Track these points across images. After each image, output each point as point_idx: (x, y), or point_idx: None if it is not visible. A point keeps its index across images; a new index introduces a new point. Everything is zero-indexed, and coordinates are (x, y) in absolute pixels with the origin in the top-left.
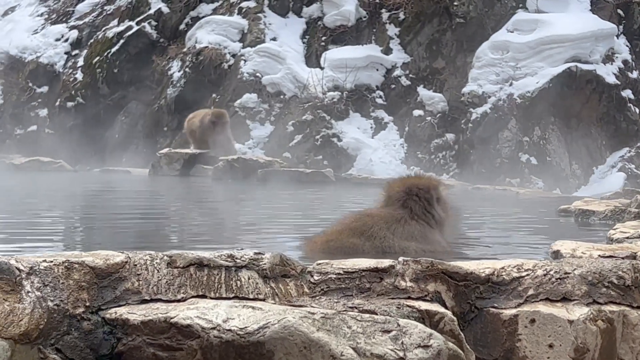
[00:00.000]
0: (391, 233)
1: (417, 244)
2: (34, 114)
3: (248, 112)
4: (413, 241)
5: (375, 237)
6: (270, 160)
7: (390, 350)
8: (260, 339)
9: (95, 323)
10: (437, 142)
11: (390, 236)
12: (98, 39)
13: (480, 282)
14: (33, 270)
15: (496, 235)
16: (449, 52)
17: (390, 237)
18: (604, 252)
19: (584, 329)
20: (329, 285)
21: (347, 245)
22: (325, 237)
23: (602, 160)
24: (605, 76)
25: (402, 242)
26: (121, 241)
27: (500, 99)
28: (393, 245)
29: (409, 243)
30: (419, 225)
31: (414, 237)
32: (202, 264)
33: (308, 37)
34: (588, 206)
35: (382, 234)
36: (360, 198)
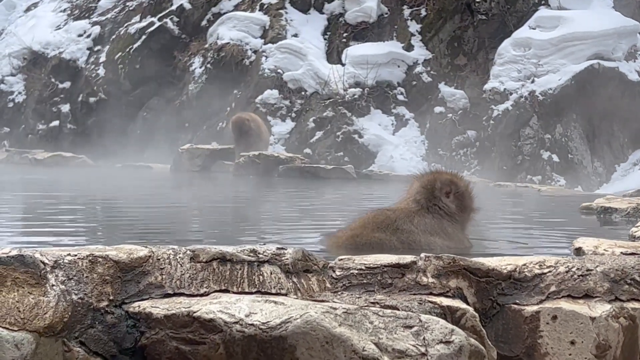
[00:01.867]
0: (413, 225)
1: (441, 239)
2: (56, 110)
3: (269, 108)
4: (437, 236)
5: (401, 231)
6: (291, 157)
7: (412, 346)
8: (282, 333)
9: (119, 317)
10: (458, 139)
11: (414, 230)
12: (120, 34)
13: (502, 278)
14: (57, 263)
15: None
16: (470, 49)
17: (414, 231)
18: (626, 249)
19: (606, 326)
20: (351, 280)
21: (373, 240)
22: (350, 232)
23: (624, 157)
24: (628, 73)
25: (427, 237)
26: (144, 236)
27: (522, 96)
28: (419, 240)
29: (434, 238)
30: (434, 219)
31: (436, 231)
32: (225, 259)
33: (329, 34)
34: (610, 204)
35: (407, 227)
36: (381, 194)
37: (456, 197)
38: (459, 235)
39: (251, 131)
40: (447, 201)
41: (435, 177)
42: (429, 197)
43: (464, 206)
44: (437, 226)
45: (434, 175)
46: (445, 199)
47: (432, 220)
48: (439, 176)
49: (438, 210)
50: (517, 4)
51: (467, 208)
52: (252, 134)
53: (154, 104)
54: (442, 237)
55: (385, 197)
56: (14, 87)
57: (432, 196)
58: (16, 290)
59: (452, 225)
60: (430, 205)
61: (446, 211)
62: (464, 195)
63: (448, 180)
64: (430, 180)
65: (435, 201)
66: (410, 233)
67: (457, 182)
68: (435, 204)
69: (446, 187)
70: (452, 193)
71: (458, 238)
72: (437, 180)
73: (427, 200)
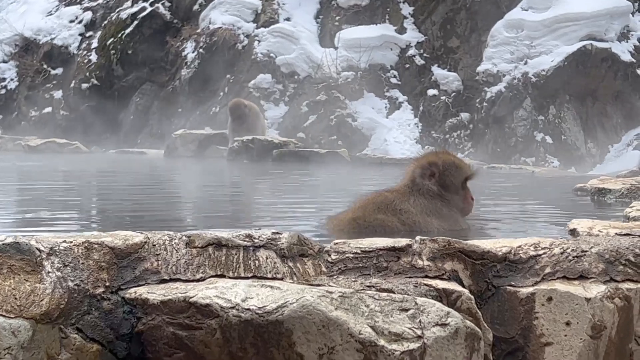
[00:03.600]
0: (412, 206)
1: (437, 220)
2: (48, 96)
3: (262, 92)
4: (433, 216)
5: (400, 211)
6: (285, 141)
7: (408, 329)
8: (278, 318)
9: (115, 303)
10: (452, 121)
11: (412, 210)
12: (112, 20)
13: (497, 260)
14: (53, 250)
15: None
16: (463, 31)
17: (413, 212)
18: (620, 230)
19: (601, 307)
20: (347, 264)
21: (375, 222)
22: (351, 214)
23: (617, 138)
24: (621, 54)
25: (424, 217)
26: (139, 222)
27: (515, 78)
28: (418, 221)
29: (431, 219)
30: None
31: (432, 212)
32: (221, 244)
33: (322, 17)
34: (604, 184)
35: (405, 207)
36: (375, 178)
37: (441, 177)
38: (454, 216)
39: (245, 116)
40: (429, 184)
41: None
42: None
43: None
44: (432, 207)
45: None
46: (428, 182)
47: (426, 201)
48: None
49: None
50: None
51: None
52: (247, 119)
53: (146, 90)
54: (438, 218)
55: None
56: (6, 74)
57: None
58: (12, 278)
59: (446, 206)
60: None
61: (432, 194)
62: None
63: (426, 164)
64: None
65: (420, 186)
66: (409, 213)
67: (436, 162)
68: (421, 188)
69: (427, 172)
70: (436, 175)
71: (454, 219)
72: (415, 168)
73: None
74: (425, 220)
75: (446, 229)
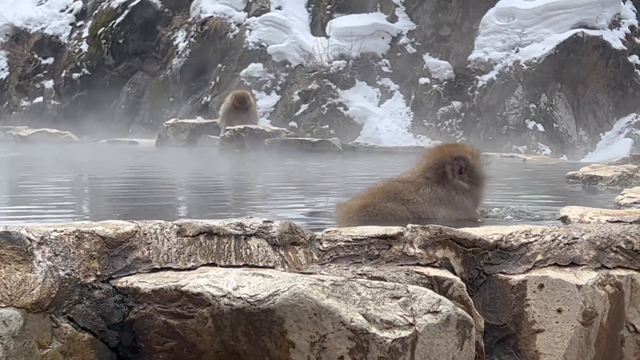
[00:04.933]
0: (419, 195)
1: (445, 209)
2: (39, 86)
3: (254, 81)
4: (441, 206)
5: (409, 201)
6: (277, 130)
7: (399, 316)
8: (270, 306)
9: (107, 292)
10: (444, 109)
11: (420, 200)
12: (103, 9)
13: (488, 248)
14: (44, 240)
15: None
16: (454, 19)
17: (420, 202)
18: (611, 217)
19: (593, 294)
20: (338, 252)
21: (385, 210)
22: (360, 201)
23: (609, 126)
24: (612, 42)
25: (432, 207)
26: (130, 211)
27: (507, 66)
28: (425, 211)
29: (438, 208)
30: (443, 191)
31: (442, 201)
32: (212, 233)
33: (313, 6)
34: (595, 172)
35: (412, 197)
36: (367, 166)
37: (468, 172)
38: (466, 205)
39: (250, 108)
40: (460, 182)
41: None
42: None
43: (477, 178)
44: (444, 196)
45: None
46: (459, 181)
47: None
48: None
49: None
50: None
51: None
52: (250, 111)
53: (137, 79)
54: (448, 206)
55: (371, 168)
56: None
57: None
58: (3, 267)
59: (460, 195)
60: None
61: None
62: (474, 167)
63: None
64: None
65: (447, 181)
66: (417, 204)
67: (466, 156)
68: (448, 183)
69: (457, 167)
70: (463, 169)
71: (465, 208)
72: (447, 162)
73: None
74: (432, 210)
75: (454, 218)
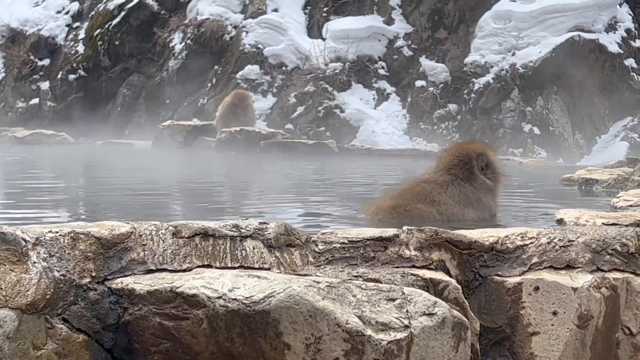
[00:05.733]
0: (448, 196)
1: (474, 211)
2: (35, 87)
3: (250, 83)
4: (470, 207)
5: (438, 203)
6: (273, 132)
7: (395, 318)
8: (265, 307)
9: (102, 293)
10: (440, 112)
11: (450, 202)
12: (99, 11)
13: (484, 250)
14: (39, 240)
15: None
16: (451, 22)
17: (451, 204)
18: (607, 220)
19: (588, 296)
20: (334, 254)
21: (415, 212)
22: (390, 202)
23: (605, 129)
24: (608, 45)
25: (462, 209)
26: (126, 212)
27: (503, 69)
28: (454, 213)
29: (468, 210)
30: (469, 190)
31: (470, 202)
32: (207, 234)
33: (310, 8)
34: (591, 175)
35: (442, 198)
36: (363, 168)
37: (490, 170)
38: (490, 203)
39: (249, 108)
40: (484, 179)
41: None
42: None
43: (496, 176)
44: (472, 196)
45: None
46: (484, 178)
47: (467, 190)
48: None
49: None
50: None
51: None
52: (249, 111)
53: (134, 81)
54: (476, 207)
55: (367, 171)
56: None
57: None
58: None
59: (486, 195)
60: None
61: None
62: (495, 165)
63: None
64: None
65: (473, 177)
66: (446, 205)
67: (488, 154)
68: (474, 179)
69: (482, 163)
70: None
71: (489, 206)
72: (472, 157)
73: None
74: (462, 212)
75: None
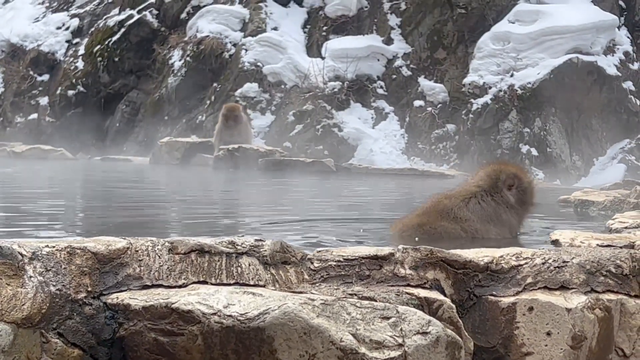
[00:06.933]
0: (470, 211)
1: (495, 227)
2: (34, 102)
3: (249, 101)
4: (491, 223)
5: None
6: (271, 150)
7: (389, 337)
8: (260, 324)
9: (97, 308)
10: (438, 132)
11: (470, 216)
12: (99, 27)
13: (479, 270)
14: (35, 255)
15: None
16: (450, 43)
17: (473, 219)
18: (602, 241)
19: (582, 317)
20: (329, 272)
21: (440, 229)
22: (416, 220)
23: (602, 151)
24: (606, 67)
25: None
26: (123, 228)
27: (501, 90)
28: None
29: (490, 226)
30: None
31: (491, 218)
32: (203, 250)
33: (309, 27)
34: (587, 196)
35: (463, 214)
36: (360, 187)
37: (518, 192)
38: (511, 222)
39: (239, 119)
40: (508, 194)
41: (501, 168)
42: (492, 185)
43: (523, 201)
44: (492, 212)
45: (500, 167)
46: (507, 191)
47: (489, 206)
48: (505, 168)
49: (500, 198)
50: None
51: (527, 203)
52: (241, 122)
53: (133, 97)
54: (496, 224)
55: (364, 190)
56: None
57: (495, 186)
58: None
59: (506, 212)
60: (492, 192)
61: (505, 202)
62: (526, 191)
63: (513, 174)
64: (496, 171)
65: (497, 190)
66: (469, 221)
67: (522, 177)
68: (497, 192)
69: (510, 180)
70: (515, 187)
71: (510, 224)
72: (503, 172)
73: (489, 187)
74: (485, 228)
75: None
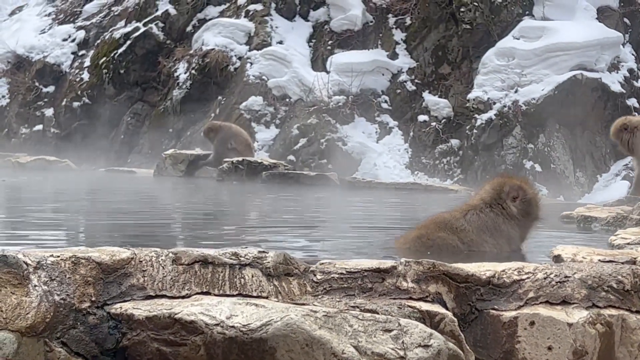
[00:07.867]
0: (466, 222)
1: (492, 238)
2: (39, 114)
3: (253, 114)
4: (488, 234)
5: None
6: (275, 163)
7: (391, 349)
8: (262, 335)
9: (101, 318)
10: (442, 147)
11: (466, 227)
12: (105, 39)
13: (481, 284)
14: (40, 264)
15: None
16: (454, 58)
17: (468, 229)
18: (604, 257)
19: (583, 332)
20: (332, 284)
21: (438, 240)
22: (416, 232)
23: (606, 168)
24: (611, 84)
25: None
26: (127, 238)
27: (505, 106)
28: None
29: (486, 236)
30: (488, 216)
31: (488, 228)
32: (207, 262)
33: (314, 41)
34: (590, 212)
35: (459, 224)
36: (364, 201)
37: (522, 203)
38: (510, 233)
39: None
40: (512, 205)
41: (505, 181)
42: (495, 197)
43: (527, 213)
44: (490, 223)
45: (504, 179)
46: (511, 203)
47: (487, 217)
48: (509, 180)
49: (501, 210)
50: (502, 14)
51: (531, 215)
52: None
53: (138, 109)
54: (494, 234)
55: (368, 204)
56: None
57: (497, 197)
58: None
59: (506, 223)
60: (494, 204)
61: (508, 213)
62: (531, 203)
63: (517, 186)
64: (500, 183)
65: (499, 202)
66: (464, 231)
67: (526, 189)
68: (500, 204)
69: (514, 192)
70: (519, 198)
71: (509, 236)
72: (506, 184)
73: (492, 199)
74: (480, 239)
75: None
